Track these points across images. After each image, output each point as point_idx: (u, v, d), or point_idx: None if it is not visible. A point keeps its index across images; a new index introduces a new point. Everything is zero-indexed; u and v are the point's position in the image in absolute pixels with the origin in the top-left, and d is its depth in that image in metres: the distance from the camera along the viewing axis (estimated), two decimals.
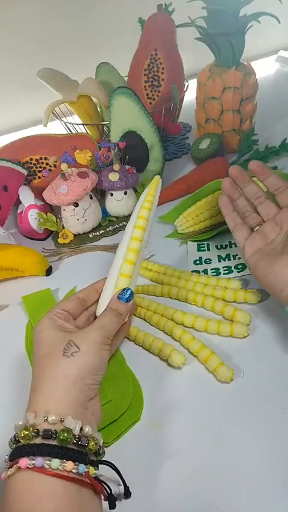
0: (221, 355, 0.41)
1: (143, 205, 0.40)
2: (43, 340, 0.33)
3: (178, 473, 0.34)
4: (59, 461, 0.25)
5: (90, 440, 0.28)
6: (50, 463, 0.25)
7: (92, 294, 0.40)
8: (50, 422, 0.27)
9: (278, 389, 0.38)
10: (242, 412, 0.37)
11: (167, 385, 0.40)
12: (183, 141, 0.83)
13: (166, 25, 0.72)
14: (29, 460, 0.25)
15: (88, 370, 0.30)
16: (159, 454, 0.35)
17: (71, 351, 0.30)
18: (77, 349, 0.31)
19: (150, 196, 0.41)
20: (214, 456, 0.35)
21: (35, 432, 0.27)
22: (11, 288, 0.55)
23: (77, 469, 0.26)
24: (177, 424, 0.37)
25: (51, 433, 0.27)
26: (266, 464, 0.33)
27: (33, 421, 0.27)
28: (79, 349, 0.31)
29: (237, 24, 0.62)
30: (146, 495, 0.33)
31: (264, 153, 0.69)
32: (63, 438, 0.26)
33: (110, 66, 0.78)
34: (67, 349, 0.31)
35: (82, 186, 0.56)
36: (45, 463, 0.25)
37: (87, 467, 0.27)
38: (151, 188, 0.41)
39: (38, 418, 0.27)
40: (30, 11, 0.86)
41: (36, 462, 0.25)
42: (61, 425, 0.27)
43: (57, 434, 0.27)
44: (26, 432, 0.27)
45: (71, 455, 0.26)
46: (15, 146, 0.66)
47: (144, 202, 0.40)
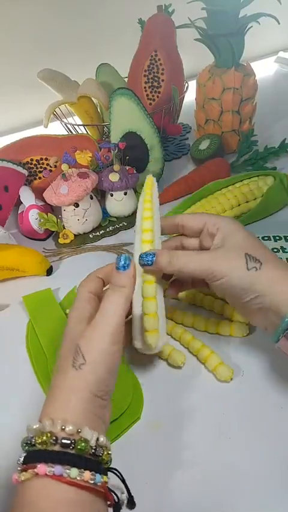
0: (221, 354, 0.41)
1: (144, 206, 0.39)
2: (68, 330, 0.32)
3: (178, 472, 0.34)
4: (77, 471, 0.25)
5: (104, 450, 0.28)
6: (69, 472, 0.25)
7: (110, 273, 0.36)
8: (67, 432, 0.27)
9: (278, 389, 0.38)
10: (242, 412, 0.37)
11: (167, 385, 0.41)
12: (183, 142, 0.83)
13: (166, 26, 0.72)
14: (48, 467, 0.25)
15: (96, 383, 0.29)
16: (159, 454, 0.35)
17: (78, 362, 0.29)
18: (83, 360, 0.29)
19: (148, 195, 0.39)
20: (214, 455, 0.35)
21: (53, 439, 0.26)
22: (12, 287, 0.55)
23: (93, 479, 0.26)
24: (177, 424, 0.37)
25: (70, 442, 0.26)
26: (266, 463, 0.34)
27: (50, 428, 0.27)
28: (85, 361, 0.29)
29: (237, 25, 0.62)
30: (146, 494, 0.33)
31: (264, 153, 0.69)
32: (80, 448, 0.26)
33: (110, 67, 0.78)
34: (75, 359, 0.29)
35: (82, 187, 0.56)
36: (65, 471, 0.25)
37: (102, 477, 0.27)
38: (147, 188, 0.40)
39: (55, 427, 0.27)
40: (30, 12, 0.86)
41: (56, 470, 0.25)
42: (78, 436, 0.27)
43: (75, 443, 0.26)
44: (44, 438, 0.26)
45: (88, 464, 0.26)
46: (16, 147, 0.66)
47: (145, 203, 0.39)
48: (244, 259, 0.34)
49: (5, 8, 0.83)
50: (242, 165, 0.70)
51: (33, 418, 0.37)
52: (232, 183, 0.62)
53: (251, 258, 0.34)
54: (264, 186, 0.59)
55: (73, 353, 0.30)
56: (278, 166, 0.69)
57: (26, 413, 0.40)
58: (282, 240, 0.54)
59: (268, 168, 0.68)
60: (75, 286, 0.53)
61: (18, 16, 0.85)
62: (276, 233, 0.55)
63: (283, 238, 0.54)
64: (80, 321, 0.32)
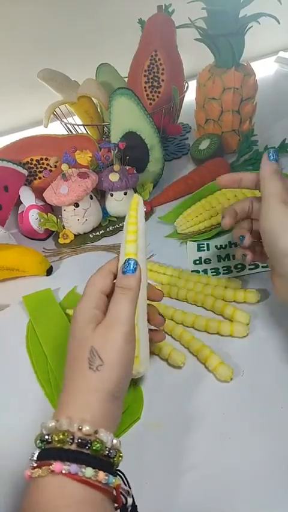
0: (221, 354, 0.41)
1: (128, 229, 0.37)
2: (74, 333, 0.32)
3: (178, 473, 0.34)
4: (92, 470, 0.26)
5: (117, 452, 0.28)
6: (85, 471, 0.25)
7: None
8: (84, 432, 0.27)
9: (278, 389, 0.38)
10: (242, 412, 0.37)
11: (167, 385, 0.41)
12: (183, 142, 0.83)
13: (166, 26, 0.72)
14: (64, 466, 0.25)
15: (114, 383, 0.30)
16: (159, 454, 0.35)
17: (96, 363, 0.29)
18: (100, 362, 0.29)
19: (133, 218, 0.38)
20: (214, 455, 0.35)
21: (70, 438, 0.27)
22: (12, 287, 0.55)
23: (107, 479, 0.26)
24: (177, 424, 0.37)
25: (87, 442, 0.27)
26: (266, 463, 0.34)
27: (67, 427, 0.27)
28: (103, 363, 0.29)
29: (237, 25, 0.62)
30: (146, 495, 0.33)
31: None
32: (96, 448, 0.27)
33: (110, 67, 0.78)
34: (92, 361, 0.29)
35: (82, 187, 0.56)
36: (80, 470, 0.25)
37: (115, 479, 0.27)
38: (131, 209, 0.39)
39: (73, 426, 0.27)
40: (30, 12, 0.86)
41: (71, 468, 0.25)
42: (94, 436, 0.27)
43: (91, 444, 0.27)
44: (61, 436, 0.27)
45: (102, 465, 0.27)
46: (16, 147, 0.66)
47: (129, 226, 0.37)
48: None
49: (5, 8, 0.83)
50: (242, 165, 0.70)
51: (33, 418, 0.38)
52: None
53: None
54: None
55: (87, 355, 0.30)
56: None
57: (25, 413, 0.40)
58: None
59: None
60: (75, 286, 0.53)
61: (18, 16, 0.85)
62: None
63: None
64: (89, 322, 0.32)
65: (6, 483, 0.35)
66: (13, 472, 0.35)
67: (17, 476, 0.35)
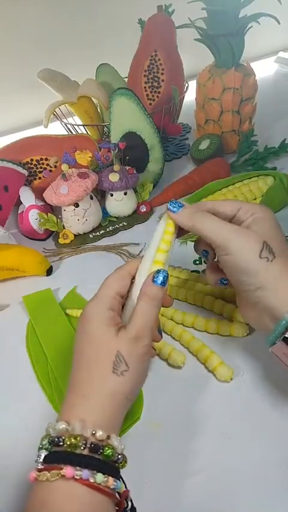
0: (221, 354, 0.41)
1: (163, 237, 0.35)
2: (91, 334, 0.31)
3: (178, 473, 0.34)
4: (102, 476, 0.26)
5: (123, 458, 0.28)
6: (96, 477, 0.25)
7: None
8: (98, 437, 0.27)
9: (278, 389, 0.38)
10: (242, 412, 0.37)
11: (167, 385, 0.41)
12: (183, 142, 0.83)
13: (166, 26, 0.72)
14: (76, 471, 0.25)
15: (135, 388, 0.30)
16: (159, 454, 0.35)
17: (121, 369, 0.29)
18: (126, 367, 0.29)
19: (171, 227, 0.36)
20: (214, 455, 0.35)
21: (83, 443, 0.26)
22: (12, 287, 0.55)
23: (115, 485, 0.26)
24: (177, 424, 0.37)
25: (99, 448, 0.26)
26: (266, 463, 0.34)
27: (80, 431, 0.27)
28: (128, 368, 0.29)
29: (237, 25, 0.62)
30: (146, 494, 0.33)
31: (264, 153, 0.69)
32: (107, 454, 0.27)
33: (110, 67, 0.78)
34: (117, 366, 0.29)
35: (82, 187, 0.56)
36: (91, 476, 0.25)
37: (122, 485, 0.27)
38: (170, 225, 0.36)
39: (86, 430, 0.27)
40: (30, 12, 0.86)
41: (83, 474, 0.25)
42: (106, 442, 0.27)
43: (103, 449, 0.27)
44: (73, 441, 0.26)
45: (111, 471, 0.27)
46: (16, 147, 0.66)
47: (165, 235, 0.35)
48: (260, 246, 0.32)
49: (5, 8, 0.83)
50: (242, 165, 0.70)
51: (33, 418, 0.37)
52: (232, 183, 0.62)
53: (267, 247, 0.33)
54: (264, 186, 0.59)
55: (112, 358, 0.29)
56: (278, 166, 0.69)
57: (25, 413, 0.40)
58: None
59: (268, 168, 0.68)
60: (75, 286, 0.53)
61: (18, 16, 0.85)
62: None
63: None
64: (108, 325, 0.31)
65: (6, 483, 0.35)
66: (13, 472, 0.35)
67: (18, 476, 0.35)
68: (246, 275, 0.33)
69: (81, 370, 0.30)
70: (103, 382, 0.29)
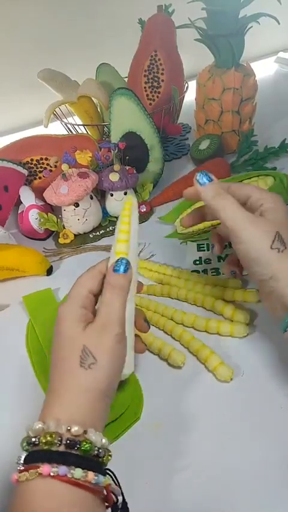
0: (221, 354, 0.41)
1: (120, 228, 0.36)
2: (62, 334, 0.31)
3: (178, 473, 0.34)
4: (81, 471, 0.25)
5: (106, 452, 0.28)
6: (74, 473, 0.25)
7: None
8: (73, 433, 0.27)
9: (278, 389, 0.38)
10: (242, 412, 0.37)
11: (167, 385, 0.41)
12: (182, 142, 0.83)
13: (166, 26, 0.72)
14: (52, 468, 0.25)
15: (107, 381, 0.29)
16: (159, 454, 0.35)
17: (88, 362, 0.29)
18: (93, 360, 0.29)
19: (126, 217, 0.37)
20: (214, 455, 0.35)
21: (58, 440, 0.26)
22: (12, 287, 0.55)
23: (96, 479, 0.26)
24: (177, 424, 0.37)
25: (75, 443, 0.26)
26: (266, 463, 0.34)
27: (55, 428, 0.27)
28: (96, 360, 0.29)
29: (237, 25, 0.62)
30: (146, 495, 0.33)
31: (264, 153, 0.69)
32: (85, 449, 0.26)
33: (110, 67, 0.78)
34: (84, 359, 0.29)
35: (83, 187, 0.57)
36: (69, 472, 0.25)
37: (104, 478, 0.27)
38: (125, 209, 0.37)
39: (61, 427, 0.27)
40: (30, 12, 0.86)
41: (60, 470, 0.25)
42: (83, 437, 0.27)
43: (80, 444, 0.26)
44: (48, 438, 0.26)
45: (91, 465, 0.26)
46: (16, 147, 0.66)
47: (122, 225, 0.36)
48: (272, 237, 0.33)
49: (5, 8, 0.83)
50: (242, 165, 0.70)
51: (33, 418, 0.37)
52: None
53: (280, 238, 0.33)
54: (264, 186, 0.59)
55: (79, 353, 0.29)
56: (278, 166, 0.69)
57: (25, 413, 0.40)
58: None
59: (268, 168, 0.68)
60: None
61: (18, 16, 0.85)
62: None
63: None
64: (78, 321, 0.31)
65: (6, 485, 0.35)
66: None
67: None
68: (258, 265, 0.34)
69: (54, 369, 0.30)
70: (73, 377, 0.29)
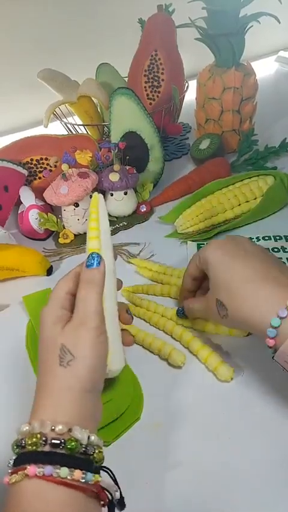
0: (221, 354, 0.41)
1: (90, 225, 0.36)
2: (42, 333, 0.31)
3: (178, 473, 0.34)
4: (67, 470, 0.25)
5: (96, 449, 0.28)
6: (59, 472, 0.25)
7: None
8: (57, 432, 0.27)
9: (278, 389, 0.38)
10: (242, 412, 0.37)
11: (167, 385, 0.41)
12: (183, 142, 0.83)
13: (166, 26, 0.72)
14: (38, 468, 0.25)
15: (88, 376, 0.29)
16: (159, 454, 0.35)
17: (66, 359, 0.29)
18: (71, 356, 0.29)
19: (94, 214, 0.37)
20: (214, 455, 0.35)
21: (43, 440, 0.26)
22: (12, 287, 0.55)
23: (84, 477, 0.26)
24: (177, 424, 0.37)
25: (60, 442, 0.26)
26: (266, 463, 0.34)
27: (39, 429, 0.27)
28: (73, 357, 0.29)
29: (237, 24, 0.62)
30: (146, 495, 0.33)
31: (264, 153, 0.69)
32: (71, 447, 0.26)
33: (110, 67, 0.78)
34: (62, 357, 0.29)
35: (82, 187, 0.56)
36: (54, 471, 0.25)
37: (94, 476, 0.26)
38: (92, 206, 0.37)
39: (45, 427, 0.27)
40: (30, 12, 0.86)
41: (45, 470, 0.25)
42: (68, 435, 0.27)
43: (66, 443, 0.26)
44: (34, 439, 0.26)
45: (78, 464, 0.26)
46: (16, 147, 0.66)
47: (91, 222, 0.36)
48: (216, 308, 0.38)
49: (5, 8, 0.83)
50: (242, 165, 0.70)
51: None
52: (232, 182, 0.62)
53: (219, 304, 0.37)
54: (265, 185, 0.59)
55: (57, 352, 0.29)
56: (279, 165, 0.69)
57: (25, 414, 0.40)
58: (283, 240, 0.54)
59: (268, 168, 0.68)
60: None
61: (18, 16, 0.85)
62: (277, 233, 0.55)
63: (283, 238, 0.54)
64: (57, 322, 0.31)
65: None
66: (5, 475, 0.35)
67: None
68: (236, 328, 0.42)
69: (39, 373, 0.31)
70: (53, 378, 0.29)
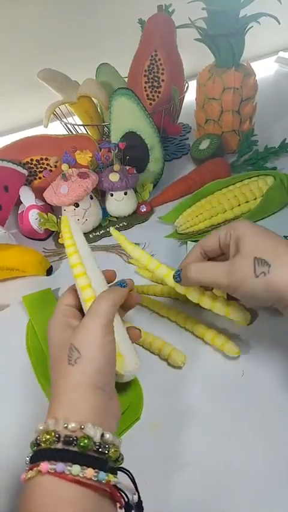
0: (221, 354, 0.41)
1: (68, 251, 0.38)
2: (51, 340, 0.33)
3: (178, 473, 0.34)
4: (79, 468, 0.25)
5: (110, 447, 0.28)
6: (71, 469, 0.25)
7: None
8: (70, 429, 0.27)
9: (278, 389, 0.38)
10: (242, 412, 0.37)
11: (167, 385, 0.41)
12: (183, 142, 0.83)
13: (166, 26, 0.72)
14: (50, 465, 0.25)
15: (96, 373, 0.29)
16: (159, 454, 0.35)
17: (74, 357, 0.29)
18: (78, 354, 0.29)
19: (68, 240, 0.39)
20: (214, 455, 0.35)
21: (56, 437, 0.27)
22: (12, 287, 0.55)
23: (97, 476, 0.26)
24: (177, 424, 0.37)
25: (72, 439, 0.26)
26: (266, 463, 0.34)
27: (53, 427, 0.27)
28: (80, 354, 0.29)
29: (237, 25, 0.62)
30: (146, 495, 0.33)
31: (264, 153, 0.69)
32: (83, 445, 0.26)
33: (110, 67, 0.78)
34: (70, 356, 0.30)
35: (82, 187, 0.56)
36: (66, 468, 0.25)
37: (107, 475, 0.26)
38: (63, 231, 0.39)
39: (58, 425, 0.27)
40: (30, 12, 0.86)
41: (57, 467, 0.25)
42: (81, 433, 0.27)
43: (78, 440, 0.26)
44: (47, 436, 0.27)
45: (91, 462, 0.26)
46: (16, 147, 0.66)
47: (67, 248, 0.38)
48: (253, 265, 0.33)
49: (5, 8, 0.83)
50: (242, 165, 0.70)
51: (33, 418, 0.38)
52: (232, 183, 0.62)
53: (259, 262, 0.33)
54: (264, 186, 0.59)
55: (67, 352, 0.30)
56: (278, 166, 0.69)
57: (26, 413, 0.40)
58: None
59: (268, 168, 0.68)
60: None
61: (18, 16, 0.85)
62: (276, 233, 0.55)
63: (283, 238, 0.54)
64: (64, 328, 0.33)
65: (6, 485, 0.35)
66: (13, 474, 0.35)
67: (17, 478, 0.35)
68: (260, 297, 0.34)
69: (52, 376, 0.32)
70: (64, 377, 0.29)
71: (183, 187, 0.66)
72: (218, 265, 0.36)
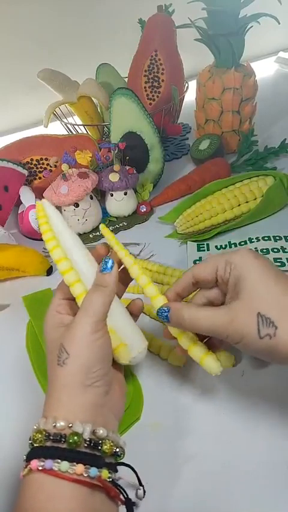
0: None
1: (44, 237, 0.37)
2: (46, 339, 0.33)
3: (178, 473, 0.34)
4: (68, 464, 0.26)
5: (104, 442, 0.28)
6: (59, 466, 0.26)
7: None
8: (59, 428, 0.27)
9: (278, 389, 0.38)
10: (242, 412, 0.37)
11: (167, 385, 0.41)
12: (183, 142, 0.83)
13: (166, 26, 0.72)
14: (39, 462, 0.26)
15: (82, 372, 0.29)
16: (159, 454, 0.35)
17: (62, 358, 0.29)
18: (66, 354, 0.29)
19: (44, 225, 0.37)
20: (214, 456, 0.35)
21: (46, 436, 0.27)
22: (12, 287, 0.55)
23: (87, 472, 0.26)
24: (177, 424, 0.37)
25: (61, 437, 0.27)
26: (266, 463, 0.34)
27: (43, 426, 0.28)
28: (68, 354, 0.29)
29: (237, 25, 0.62)
30: (146, 495, 0.33)
31: (264, 153, 0.69)
32: (72, 441, 0.27)
33: (110, 67, 0.78)
34: (59, 357, 0.30)
35: (82, 187, 0.57)
36: (54, 465, 0.26)
37: (99, 471, 0.26)
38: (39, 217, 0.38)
39: (48, 424, 0.28)
40: (30, 12, 0.86)
41: (46, 464, 0.26)
42: (70, 430, 0.27)
43: (67, 437, 0.27)
44: (38, 435, 0.27)
45: (81, 458, 0.26)
46: (16, 147, 0.66)
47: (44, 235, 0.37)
48: (256, 324, 0.29)
49: (5, 8, 0.83)
50: (242, 165, 0.70)
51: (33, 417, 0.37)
52: (232, 183, 0.62)
53: (264, 321, 0.29)
54: (264, 186, 0.59)
55: (56, 352, 0.30)
56: (278, 166, 0.69)
57: (25, 413, 0.40)
58: (282, 240, 0.54)
59: (268, 168, 0.68)
60: None
61: (18, 16, 0.85)
62: (276, 233, 0.55)
63: (283, 238, 0.54)
64: (56, 327, 0.32)
65: (6, 484, 0.35)
66: (14, 473, 0.35)
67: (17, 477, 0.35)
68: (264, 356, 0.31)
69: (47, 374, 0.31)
70: (54, 377, 0.30)
71: (183, 187, 0.66)
72: (215, 315, 0.31)
